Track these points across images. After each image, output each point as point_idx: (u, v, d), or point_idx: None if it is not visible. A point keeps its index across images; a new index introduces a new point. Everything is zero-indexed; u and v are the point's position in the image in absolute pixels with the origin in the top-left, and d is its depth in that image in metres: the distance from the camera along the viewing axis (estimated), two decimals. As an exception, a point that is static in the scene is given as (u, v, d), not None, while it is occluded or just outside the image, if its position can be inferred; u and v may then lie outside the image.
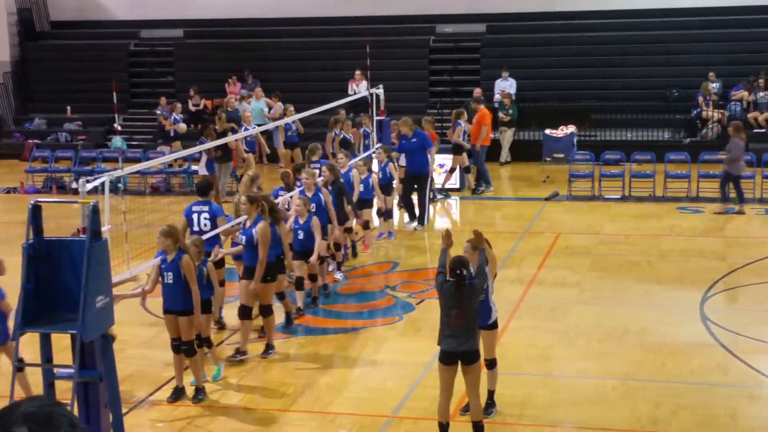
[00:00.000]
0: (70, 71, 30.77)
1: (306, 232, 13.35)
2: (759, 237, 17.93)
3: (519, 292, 14.45)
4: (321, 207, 14.22)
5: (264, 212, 12.04)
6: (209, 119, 24.10)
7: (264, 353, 12.01)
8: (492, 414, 10.09)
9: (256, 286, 11.85)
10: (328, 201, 14.42)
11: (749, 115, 25.39)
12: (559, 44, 28.15)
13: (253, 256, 11.85)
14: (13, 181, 24.59)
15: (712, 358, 11.77)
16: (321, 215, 14.00)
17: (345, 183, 15.60)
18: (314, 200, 14.17)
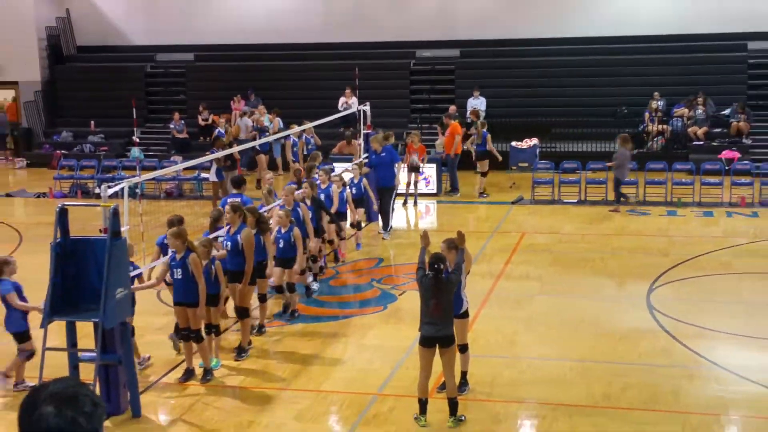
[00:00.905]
0: (93, 90, 30.65)
1: (286, 242, 12.64)
2: (697, 236, 17.96)
3: (489, 284, 14.44)
4: (299, 221, 13.45)
5: (246, 220, 11.71)
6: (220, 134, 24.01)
7: (238, 356, 11.44)
8: (465, 391, 10.08)
9: (243, 288, 11.55)
10: (306, 216, 13.68)
11: (689, 130, 25.45)
12: (524, 67, 28.19)
13: (237, 262, 11.46)
14: (42, 187, 24.45)
15: (657, 343, 11.77)
16: (299, 229, 13.22)
17: (326, 197, 15.06)
18: (293, 214, 13.36)
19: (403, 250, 17.18)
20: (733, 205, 20.48)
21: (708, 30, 27.31)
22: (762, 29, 26.97)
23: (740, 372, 10.68)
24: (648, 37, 27.60)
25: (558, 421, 9.46)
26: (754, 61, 26.98)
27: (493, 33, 28.85)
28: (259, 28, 30.42)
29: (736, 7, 27.20)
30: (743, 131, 25.08)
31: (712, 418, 9.47)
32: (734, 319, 12.68)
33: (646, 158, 23.39)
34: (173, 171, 21.26)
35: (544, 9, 28.65)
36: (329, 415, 9.91)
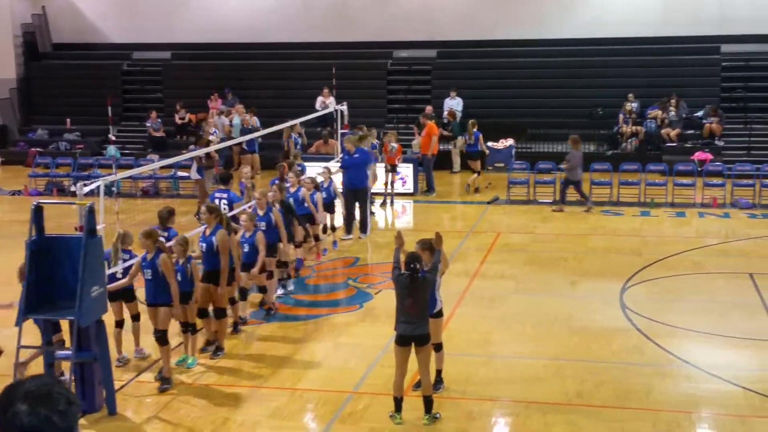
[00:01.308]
0: (69, 88, 30.49)
1: (251, 246, 12.39)
2: (670, 236, 18.11)
3: (464, 283, 14.50)
4: (271, 225, 13.05)
5: (223, 222, 11.63)
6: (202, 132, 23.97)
7: (214, 354, 11.42)
8: (440, 389, 10.13)
9: (223, 290, 11.45)
10: (279, 220, 13.24)
11: (663, 131, 25.65)
12: (500, 68, 28.31)
13: (213, 262, 11.40)
14: (18, 185, 24.26)
15: (629, 341, 11.88)
16: (271, 234, 12.90)
17: (295, 201, 14.71)
18: (265, 219, 13.02)
19: (379, 250, 17.22)
20: (705, 205, 20.67)
21: (682, 33, 27.54)
22: (734, 32, 27.22)
23: (711, 370, 10.80)
24: (623, 39, 27.81)
25: (532, 419, 9.53)
26: (726, 63, 27.23)
27: (470, 34, 28.95)
28: (237, 27, 30.35)
29: (710, 10, 27.47)
30: (716, 133, 25.31)
31: (683, 416, 9.57)
32: (705, 317, 12.81)
33: (620, 159, 23.55)
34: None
35: (520, 11, 28.79)
36: (305, 413, 9.92)
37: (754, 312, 13.03)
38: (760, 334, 12.07)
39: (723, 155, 24.40)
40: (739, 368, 10.94)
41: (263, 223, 12.87)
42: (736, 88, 26.72)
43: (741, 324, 12.51)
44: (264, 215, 13.07)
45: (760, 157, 23.87)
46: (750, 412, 9.68)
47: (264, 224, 12.87)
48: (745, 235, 18.07)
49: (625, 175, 22.01)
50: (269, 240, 12.71)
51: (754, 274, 14.90)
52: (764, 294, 13.81)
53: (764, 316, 12.80)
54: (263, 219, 12.99)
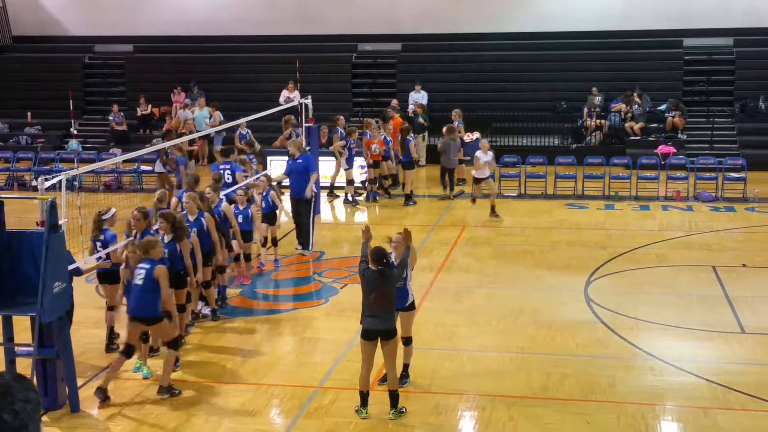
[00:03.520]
0: (30, 81, 30.13)
1: (245, 218, 12.39)
2: (634, 229, 18.27)
3: (430, 277, 14.53)
4: (203, 232, 12.10)
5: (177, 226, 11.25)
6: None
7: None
8: (406, 384, 10.14)
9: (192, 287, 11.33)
10: (211, 226, 12.25)
11: (626, 125, 25.86)
12: (465, 62, 28.38)
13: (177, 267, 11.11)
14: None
15: (594, 334, 11.97)
16: (203, 240, 11.99)
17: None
18: (196, 225, 12.04)
19: (345, 244, 17.19)
20: (668, 199, 20.87)
21: (645, 27, 27.81)
22: (696, 26, 27.52)
23: (674, 362, 10.92)
24: (586, 33, 28.02)
25: (497, 412, 9.57)
26: (689, 57, 27.51)
27: (435, 27, 29.01)
28: (200, 20, 30.15)
29: (672, 5, 27.75)
30: (678, 127, 25.57)
31: (647, 408, 9.66)
32: (669, 310, 12.94)
33: (585, 153, 23.72)
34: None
35: (485, 4, 28.86)
36: (270, 408, 9.89)
37: (717, 304, 13.18)
38: (722, 327, 12.22)
39: (686, 149, 24.66)
40: (702, 360, 11.07)
41: (194, 230, 11.90)
42: (699, 82, 27.00)
43: (704, 316, 12.66)
44: (195, 221, 12.10)
45: (722, 150, 24.17)
46: (713, 403, 9.80)
47: (195, 230, 11.90)
48: (708, 228, 18.28)
49: (589, 168, 22.18)
50: (203, 248, 11.88)
51: (717, 266, 15.08)
52: (727, 286, 13.98)
53: (727, 309, 12.96)
54: (194, 225, 12.00)
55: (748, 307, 13.04)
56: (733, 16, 27.45)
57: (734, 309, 12.92)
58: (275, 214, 15.02)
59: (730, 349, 11.51)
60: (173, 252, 11.05)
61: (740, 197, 20.79)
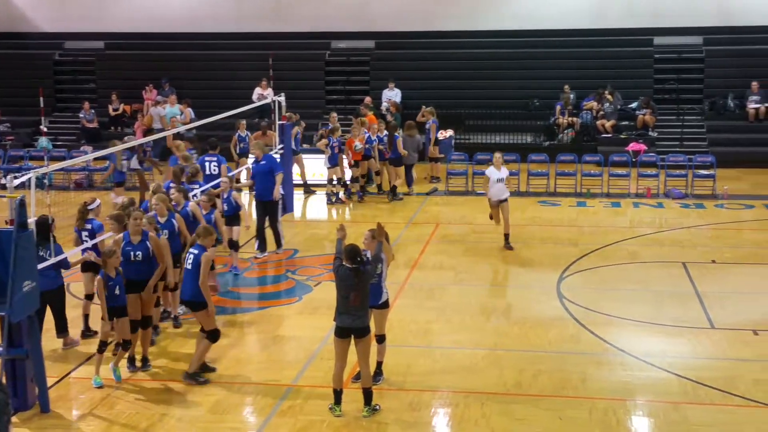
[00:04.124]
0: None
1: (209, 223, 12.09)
2: (606, 226, 18.37)
3: (404, 274, 14.54)
4: (174, 233, 11.86)
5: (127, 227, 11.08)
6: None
7: (144, 367, 10.80)
8: (380, 381, 10.15)
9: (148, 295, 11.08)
10: (183, 226, 12.06)
11: (598, 123, 26.00)
12: (438, 59, 28.43)
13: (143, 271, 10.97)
14: (-54, 177, 23.63)
15: (566, 330, 12.04)
16: (175, 242, 11.75)
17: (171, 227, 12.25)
18: (166, 226, 11.86)
19: (318, 241, 17.16)
20: (639, 196, 21.02)
21: (616, 25, 28.00)
22: (667, 25, 27.74)
23: (645, 358, 11.00)
24: (559, 31, 28.17)
25: (470, 409, 9.60)
26: (659, 55, 27.71)
27: (408, 25, 29.04)
28: (172, 17, 30.00)
29: (643, 3, 27.98)
30: (649, 124, 25.76)
31: (618, 403, 9.73)
32: (640, 306, 13.03)
33: (557, 150, 23.85)
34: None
35: (458, 2, 28.93)
36: (244, 406, 9.85)
37: (687, 300, 13.29)
38: (692, 322, 12.33)
39: (656, 146, 24.83)
40: (672, 355, 11.16)
41: (165, 231, 11.68)
42: (669, 80, 27.21)
43: (674, 312, 12.76)
44: (166, 222, 11.89)
45: (692, 147, 24.36)
46: (683, 398, 9.89)
47: (167, 232, 11.69)
48: (678, 224, 18.43)
49: (561, 165, 22.28)
50: (173, 249, 11.59)
51: (687, 263, 15.21)
52: (697, 282, 14.10)
53: (697, 305, 13.07)
54: (165, 226, 11.80)
55: (717, 302, 13.16)
56: (702, 14, 27.69)
57: (704, 305, 13.04)
58: (238, 216, 14.60)
59: (699, 344, 11.62)
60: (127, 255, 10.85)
61: (710, 194, 20.97)
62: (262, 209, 15.78)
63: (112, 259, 10.29)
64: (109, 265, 10.26)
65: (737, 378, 10.37)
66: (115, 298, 10.34)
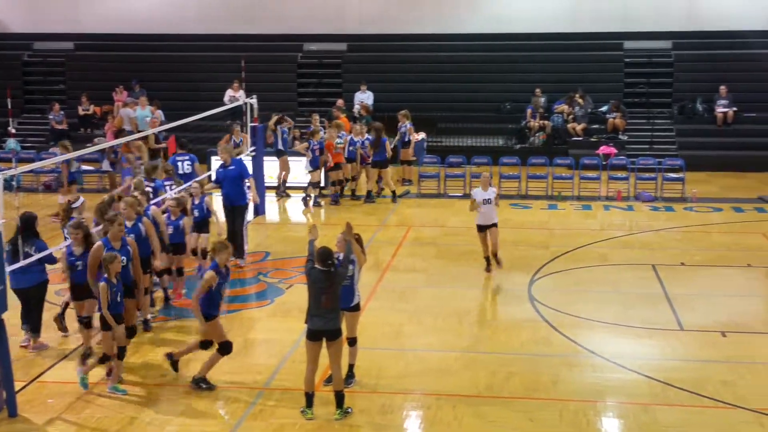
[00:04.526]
0: (-34, 78, 29.47)
1: (176, 229, 11.96)
2: (577, 229, 18.48)
3: (375, 277, 14.54)
4: (141, 238, 11.65)
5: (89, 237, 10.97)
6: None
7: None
8: (352, 384, 10.14)
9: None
10: (150, 230, 11.90)
11: (569, 126, 26.16)
12: (410, 62, 28.48)
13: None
14: None
15: (538, 332, 12.09)
16: (142, 246, 11.50)
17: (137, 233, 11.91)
18: (134, 230, 11.62)
19: (290, 244, 17.12)
20: (610, 198, 21.16)
21: (587, 29, 28.20)
22: (636, 29, 27.98)
23: (616, 359, 11.08)
24: (531, 35, 28.33)
25: (442, 411, 9.62)
26: (629, 60, 27.94)
27: (381, 28, 29.07)
28: (143, 18, 29.84)
29: (613, 8, 28.18)
30: (619, 128, 25.95)
31: (588, 405, 9.79)
32: (610, 308, 13.12)
33: (528, 153, 23.97)
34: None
35: (431, 5, 29.02)
36: (215, 410, 9.80)
37: (657, 302, 13.40)
38: (662, 324, 12.43)
39: (626, 149, 25.02)
40: (642, 357, 11.25)
41: (132, 236, 11.39)
42: (639, 84, 27.44)
43: (644, 314, 12.86)
44: (132, 226, 11.67)
45: (661, 151, 24.59)
46: (652, 399, 9.97)
47: (133, 236, 11.43)
48: (648, 227, 18.58)
49: (532, 168, 22.39)
50: (142, 254, 11.37)
51: (657, 265, 15.33)
52: (666, 285, 14.22)
53: (666, 307, 13.18)
54: (131, 231, 11.55)
55: (686, 304, 13.28)
56: (671, 19, 27.97)
57: (673, 307, 13.15)
58: (208, 222, 14.20)
59: (669, 346, 11.72)
60: (86, 262, 10.59)
61: (679, 197, 21.16)
62: (230, 214, 15.38)
63: (114, 264, 10.07)
64: (111, 271, 10.02)
65: (706, 379, 10.47)
66: (117, 305, 10.14)
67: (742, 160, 24.72)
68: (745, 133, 25.78)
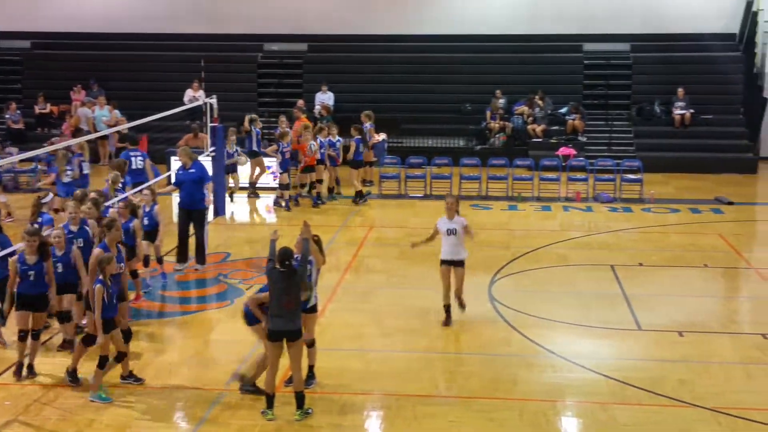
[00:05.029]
0: None
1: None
2: (536, 230, 18.62)
3: (336, 277, 14.54)
4: (88, 242, 11.36)
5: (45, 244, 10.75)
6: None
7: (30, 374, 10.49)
8: (312, 385, 10.14)
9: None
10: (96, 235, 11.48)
11: (529, 127, 26.34)
12: (371, 63, 28.52)
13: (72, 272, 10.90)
14: None
15: (497, 333, 12.17)
16: (88, 251, 11.04)
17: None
18: (82, 235, 11.45)
19: (250, 245, 17.06)
20: (569, 199, 21.35)
21: (546, 31, 28.41)
22: (596, 31, 28.26)
23: (574, 359, 11.18)
24: (491, 36, 28.49)
25: (403, 411, 9.65)
26: (588, 62, 28.21)
27: (341, 28, 29.05)
28: (102, 16, 29.56)
29: (573, 10, 28.41)
30: (578, 129, 26.19)
31: (548, 404, 9.88)
32: (569, 309, 13.24)
33: (489, 154, 24.10)
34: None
35: (391, 6, 29.05)
36: (175, 411, 9.75)
37: (615, 302, 13.55)
38: (620, 324, 12.58)
39: (585, 151, 25.25)
40: (600, 357, 11.37)
41: (80, 240, 11.29)
42: (598, 86, 27.70)
43: (603, 314, 13.00)
44: (79, 231, 11.48)
45: (619, 152, 24.85)
46: (611, 399, 10.08)
47: (81, 241, 11.29)
48: (606, 228, 18.77)
49: (493, 169, 22.52)
50: (87, 259, 10.96)
51: (615, 265, 15.50)
52: (624, 285, 14.38)
53: (624, 307, 13.33)
54: (79, 235, 11.39)
55: (644, 304, 13.44)
56: (630, 22, 28.27)
57: (631, 307, 13.31)
58: (157, 231, 13.77)
59: (627, 345, 11.86)
60: (39, 272, 10.44)
61: (637, 198, 21.41)
62: (187, 218, 15.01)
63: (110, 266, 9.94)
64: (108, 272, 9.87)
65: (663, 378, 10.61)
66: (113, 308, 10.00)
67: (698, 162, 25.07)
68: (701, 135, 26.13)
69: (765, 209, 21.28)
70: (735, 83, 27.08)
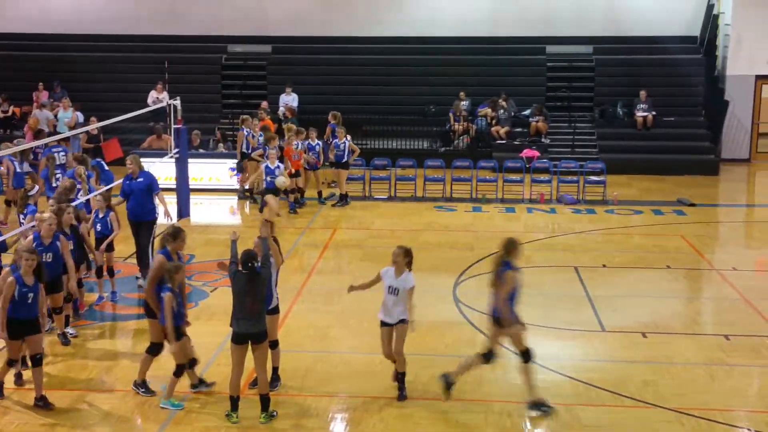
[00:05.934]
0: None
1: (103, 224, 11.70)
2: (501, 231, 18.62)
3: (301, 279, 14.51)
4: (58, 256, 11.17)
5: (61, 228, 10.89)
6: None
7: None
8: (277, 387, 10.11)
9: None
10: (65, 249, 11.28)
11: (492, 129, 26.46)
12: (335, 65, 28.48)
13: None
14: None
15: (462, 334, 12.21)
16: (55, 266, 11.09)
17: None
18: (52, 249, 11.13)
19: (214, 247, 16.97)
20: (533, 201, 21.48)
21: (510, 33, 28.57)
22: (558, 34, 28.46)
23: (538, 360, 11.18)
24: (454, 39, 28.58)
25: (368, 413, 9.65)
26: (551, 64, 28.40)
27: (305, 30, 29.01)
28: (65, 17, 29.30)
29: (535, 12, 28.59)
30: (542, 131, 26.36)
31: (512, 406, 9.93)
32: (533, 310, 13.19)
33: (453, 156, 24.18)
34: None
35: (355, 8, 29.06)
36: (138, 415, 9.67)
37: (579, 304, 13.66)
38: (584, 325, 12.67)
39: (549, 152, 25.42)
40: (564, 358, 11.45)
41: (50, 254, 11.05)
42: (561, 88, 27.89)
43: (566, 315, 13.09)
44: (50, 244, 11.14)
45: (583, 154, 25.04)
46: (575, 400, 10.16)
47: (51, 255, 11.06)
48: (570, 229, 18.91)
49: (457, 171, 22.59)
50: (54, 272, 10.96)
51: (579, 267, 15.62)
52: (588, 286, 14.50)
53: (588, 308, 13.44)
54: (49, 249, 11.10)
55: (607, 306, 13.55)
56: (592, 24, 28.50)
57: (595, 308, 13.42)
58: (112, 243, 13.37)
59: (590, 346, 11.96)
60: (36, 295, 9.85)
61: (600, 200, 21.59)
62: (136, 230, 14.27)
63: (179, 274, 9.74)
64: (176, 281, 9.70)
65: (627, 379, 10.70)
66: (182, 316, 9.86)
67: (661, 164, 25.35)
68: (664, 137, 26.42)
69: (726, 211, 21.56)
70: (696, 86, 27.42)
